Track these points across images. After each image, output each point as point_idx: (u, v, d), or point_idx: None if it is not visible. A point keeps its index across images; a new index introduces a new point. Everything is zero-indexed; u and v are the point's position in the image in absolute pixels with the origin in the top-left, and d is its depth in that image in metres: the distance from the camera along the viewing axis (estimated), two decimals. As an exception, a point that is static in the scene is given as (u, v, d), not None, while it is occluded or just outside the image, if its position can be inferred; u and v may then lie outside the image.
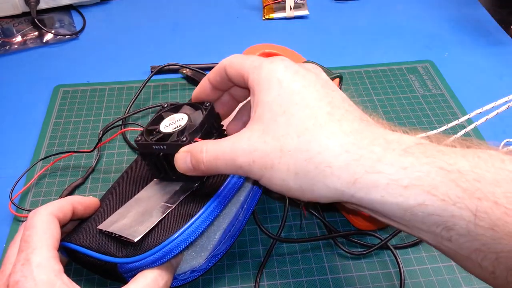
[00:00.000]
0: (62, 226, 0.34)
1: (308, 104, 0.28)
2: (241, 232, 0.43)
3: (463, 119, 0.49)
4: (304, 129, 0.27)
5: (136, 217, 0.33)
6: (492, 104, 0.46)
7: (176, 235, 0.31)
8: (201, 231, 0.32)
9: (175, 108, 0.37)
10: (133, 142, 0.51)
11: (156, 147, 0.34)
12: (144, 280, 0.31)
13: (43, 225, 0.31)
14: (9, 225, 0.43)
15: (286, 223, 0.43)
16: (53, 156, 0.48)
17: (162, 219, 0.33)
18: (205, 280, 0.40)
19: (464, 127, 0.49)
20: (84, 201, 0.36)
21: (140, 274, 0.31)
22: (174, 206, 0.34)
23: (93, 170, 0.48)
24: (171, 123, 0.35)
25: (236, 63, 0.32)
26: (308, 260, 0.41)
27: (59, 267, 0.29)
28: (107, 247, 0.33)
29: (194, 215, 0.32)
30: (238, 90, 0.35)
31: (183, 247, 0.31)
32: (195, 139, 0.32)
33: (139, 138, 0.35)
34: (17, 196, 0.45)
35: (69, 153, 0.48)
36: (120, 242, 0.32)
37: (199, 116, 0.34)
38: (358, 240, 0.42)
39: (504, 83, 0.61)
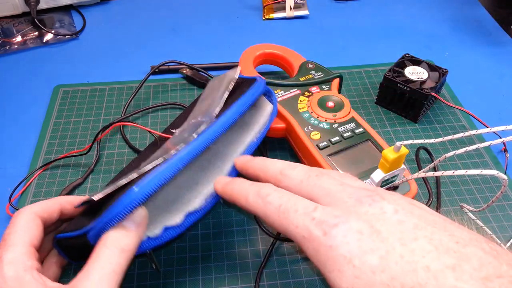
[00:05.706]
0: (49, 226, 0.33)
1: (402, 282, 0.21)
2: (241, 232, 0.43)
3: (472, 132, 0.46)
4: None
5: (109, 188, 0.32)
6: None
7: (133, 187, 0.29)
8: (159, 183, 0.30)
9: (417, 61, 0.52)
10: (132, 142, 0.51)
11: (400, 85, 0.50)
12: (103, 243, 0.29)
13: (23, 224, 0.31)
14: (9, 225, 0.43)
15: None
16: (52, 160, 0.48)
17: (130, 182, 0.31)
18: (205, 280, 0.40)
19: (472, 139, 0.47)
20: (73, 201, 0.35)
21: (100, 238, 0.30)
22: (146, 168, 0.32)
23: (92, 170, 0.48)
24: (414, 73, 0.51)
25: (277, 223, 0.27)
26: (308, 260, 0.41)
27: (31, 263, 0.29)
28: (82, 223, 0.32)
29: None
30: None
31: (139, 200, 0.29)
32: None
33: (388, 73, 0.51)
34: (16, 197, 0.45)
35: (65, 155, 0.49)
36: (91, 213, 0.31)
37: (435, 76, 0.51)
38: (358, 240, 0.42)
39: (504, 83, 0.61)
